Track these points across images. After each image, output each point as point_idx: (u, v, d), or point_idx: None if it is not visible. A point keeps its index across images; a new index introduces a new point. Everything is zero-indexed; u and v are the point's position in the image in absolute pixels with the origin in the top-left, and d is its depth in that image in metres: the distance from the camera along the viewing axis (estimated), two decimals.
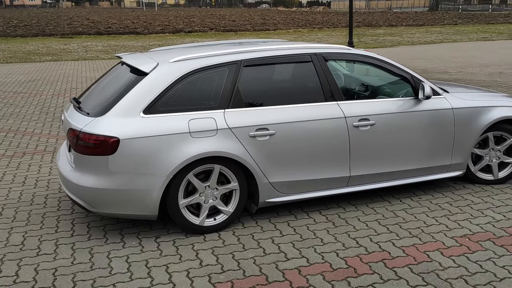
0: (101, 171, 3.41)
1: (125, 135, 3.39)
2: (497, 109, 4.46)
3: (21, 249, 3.50)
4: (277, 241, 3.58)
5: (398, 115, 4.08)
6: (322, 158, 3.88)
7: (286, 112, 3.77)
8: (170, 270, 3.20)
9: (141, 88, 3.53)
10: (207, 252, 3.44)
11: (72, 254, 3.43)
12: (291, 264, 3.25)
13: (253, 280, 3.06)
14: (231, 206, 3.74)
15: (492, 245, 3.45)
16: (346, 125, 3.91)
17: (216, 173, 3.63)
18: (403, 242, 3.53)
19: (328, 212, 4.07)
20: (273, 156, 3.73)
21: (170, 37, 27.63)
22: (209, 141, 3.54)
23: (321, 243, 3.53)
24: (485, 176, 4.64)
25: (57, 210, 4.18)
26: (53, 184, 4.80)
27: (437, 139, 4.24)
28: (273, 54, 3.91)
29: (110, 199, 3.47)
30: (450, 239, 3.55)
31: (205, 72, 3.68)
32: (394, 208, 4.13)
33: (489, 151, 4.58)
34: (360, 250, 3.42)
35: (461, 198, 4.32)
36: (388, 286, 2.97)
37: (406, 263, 3.22)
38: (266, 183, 3.76)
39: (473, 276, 3.06)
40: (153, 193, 3.47)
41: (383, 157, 4.08)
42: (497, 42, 22.23)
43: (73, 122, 3.61)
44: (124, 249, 3.49)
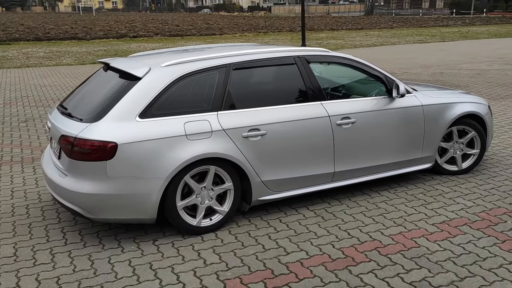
0: (99, 176, 3.40)
1: (123, 139, 3.40)
2: (460, 105, 4.85)
3: (16, 261, 3.42)
4: (274, 237, 3.72)
5: (375, 113, 4.35)
6: (309, 156, 4.06)
7: (275, 113, 3.92)
8: (176, 270, 3.25)
9: (136, 92, 3.56)
10: (208, 251, 3.51)
11: (71, 262, 3.39)
12: (292, 257, 3.40)
13: (260, 274, 3.18)
14: (226, 205, 3.84)
15: (469, 229, 3.76)
16: (330, 123, 4.12)
17: (212, 174, 3.71)
18: (390, 231, 3.77)
19: (315, 207, 4.26)
20: (265, 156, 3.87)
21: (115, 42, 27.04)
22: (205, 143, 3.62)
23: (316, 237, 3.70)
24: (451, 167, 5.02)
25: (42, 220, 4.09)
26: (30, 194, 4.67)
27: (409, 135, 4.55)
28: (259, 57, 4.05)
29: (109, 205, 3.46)
30: (431, 226, 3.84)
31: (196, 75, 3.76)
32: (375, 200, 4.39)
33: (453, 144, 4.96)
34: (353, 240, 3.63)
35: (433, 188, 4.65)
36: (386, 272, 3.18)
37: (398, 250, 3.46)
38: (258, 182, 3.89)
39: (459, 257, 3.35)
40: (152, 196, 3.50)
41: (363, 153, 4.33)
42: (432, 44, 23.57)
43: (65, 128, 3.57)
44: (124, 254, 3.49)
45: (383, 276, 3.13)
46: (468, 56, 17.36)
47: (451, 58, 16.64)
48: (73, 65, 16.71)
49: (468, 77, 12.04)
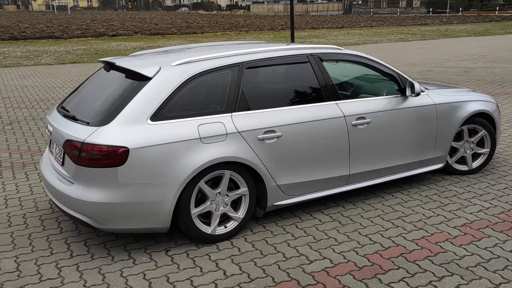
0: (110, 184, 3.17)
1: (134, 144, 3.18)
2: (471, 104, 4.76)
3: (19, 276, 3.16)
4: (293, 244, 3.54)
5: (390, 112, 4.21)
6: (325, 158, 3.90)
7: (290, 114, 3.75)
8: (196, 283, 3.05)
9: (146, 93, 3.33)
10: (226, 261, 3.31)
11: (81, 276, 3.15)
12: (316, 266, 3.23)
13: (285, 286, 3.00)
14: (241, 212, 3.65)
15: (492, 232, 3.66)
16: (346, 124, 3.96)
17: (227, 179, 3.51)
18: (412, 235, 3.64)
19: (329, 211, 4.10)
20: (280, 158, 3.69)
21: (94, 41, 26.45)
22: (220, 146, 3.42)
23: (336, 243, 3.54)
24: (461, 167, 4.92)
25: (43, 230, 3.82)
26: (26, 202, 4.38)
27: (423, 134, 4.43)
28: (272, 55, 3.86)
29: (120, 214, 3.23)
30: (453, 229, 3.72)
31: (208, 75, 3.56)
32: (390, 203, 4.25)
33: (464, 144, 4.87)
34: (377, 246, 3.48)
35: (446, 189, 4.54)
36: (418, 280, 3.04)
37: (425, 256, 3.33)
38: (274, 186, 3.70)
39: (489, 262, 3.23)
40: (166, 204, 3.28)
41: (378, 154, 4.19)
42: (414, 43, 23.74)
43: (70, 132, 3.32)
44: (137, 266, 3.26)
45: (415, 284, 2.99)
46: (451, 54, 17.49)
47: (436, 56, 16.74)
48: (52, 64, 16.21)
49: (456, 75, 12.08)
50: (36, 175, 5.11)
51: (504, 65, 13.79)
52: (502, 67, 13.34)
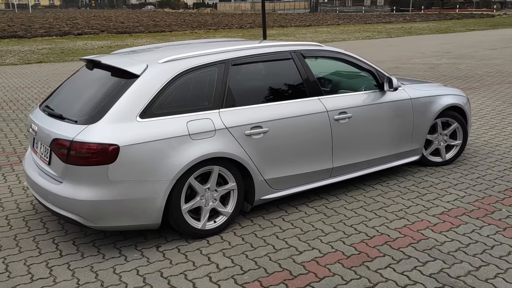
0: (100, 181, 3.17)
1: (124, 141, 3.19)
2: (444, 98, 4.96)
3: (10, 277, 3.12)
4: (281, 236, 3.63)
5: (370, 107, 4.35)
6: (309, 152, 4.00)
7: (276, 109, 3.83)
8: (190, 277, 3.09)
9: (135, 91, 3.34)
10: (218, 255, 3.37)
11: (73, 274, 3.14)
12: (306, 256, 3.32)
13: (278, 276, 3.09)
14: (229, 206, 3.71)
15: (469, 219, 3.85)
16: (328, 119, 4.08)
17: (216, 174, 3.57)
18: (395, 224, 3.78)
19: (314, 204, 4.21)
20: (267, 153, 3.77)
21: (59, 40, 25.85)
22: (209, 142, 3.47)
23: (323, 234, 3.65)
24: (435, 159, 5.13)
25: (28, 231, 3.78)
26: (7, 204, 4.31)
27: (400, 127, 4.60)
28: (257, 52, 3.94)
29: (111, 211, 3.24)
30: (432, 217, 3.89)
31: (195, 72, 3.60)
32: (371, 194, 4.40)
33: (438, 136, 5.07)
34: (362, 236, 3.61)
35: (423, 180, 4.73)
36: (403, 265, 3.18)
37: (408, 243, 3.47)
38: (261, 181, 3.78)
39: (468, 247, 3.40)
40: (157, 200, 3.31)
41: (359, 147, 4.32)
42: (380, 40, 24.27)
43: (58, 131, 3.30)
44: (129, 263, 3.28)
45: (401, 270, 3.12)
46: (416, 51, 17.98)
47: (402, 53, 17.17)
48: (18, 64, 15.78)
49: (423, 71, 12.45)
50: (14, 177, 5.02)
51: (467, 61, 14.30)
52: (465, 63, 13.83)
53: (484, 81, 10.64)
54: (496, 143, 5.92)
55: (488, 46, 19.12)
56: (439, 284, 2.95)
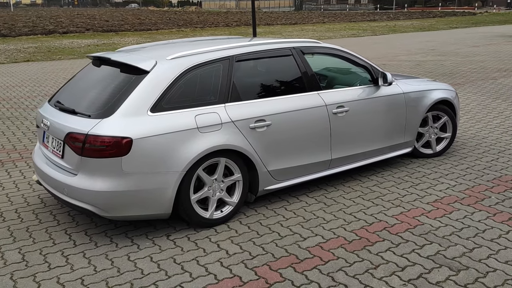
0: (115, 173, 3.31)
1: (137, 134, 3.34)
2: (435, 92, 5.19)
3: (27, 266, 3.25)
4: (285, 224, 3.81)
5: (365, 101, 4.55)
6: (309, 144, 4.19)
7: (278, 103, 4.00)
8: (202, 262, 3.25)
9: (145, 86, 3.49)
10: (226, 242, 3.54)
11: (89, 262, 3.28)
12: (310, 242, 3.51)
13: (286, 260, 3.26)
14: (235, 197, 3.87)
15: (461, 206, 4.07)
16: (327, 112, 4.26)
17: (222, 166, 3.73)
18: (392, 212, 3.99)
19: (313, 194, 4.40)
20: (270, 146, 3.94)
21: (44, 38, 25.66)
22: (216, 135, 3.63)
23: (325, 221, 3.84)
24: (426, 151, 5.36)
25: (39, 223, 3.89)
26: (15, 198, 4.41)
27: (394, 121, 4.81)
28: (259, 49, 4.10)
29: (125, 202, 3.38)
30: (427, 205, 4.10)
31: (202, 68, 3.75)
32: (367, 184, 4.61)
33: (429, 129, 5.30)
34: (361, 223, 3.80)
35: (415, 171, 4.95)
36: (402, 249, 3.38)
37: (405, 228, 3.68)
38: (264, 172, 3.95)
39: (461, 231, 3.62)
40: (168, 191, 3.46)
41: (355, 140, 4.52)
42: (366, 38, 24.61)
43: (72, 125, 3.43)
44: (142, 251, 3.43)
45: (400, 253, 3.33)
46: (402, 48, 18.33)
47: (388, 51, 17.49)
48: (5, 63, 15.70)
49: (409, 68, 12.74)
50: (18, 172, 5.12)
51: (452, 58, 14.65)
52: (450, 60, 14.18)
53: (469, 77, 10.96)
54: (483, 135, 6.18)
55: (471, 43, 19.55)
56: (436, 264, 3.16)
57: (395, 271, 3.10)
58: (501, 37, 22.01)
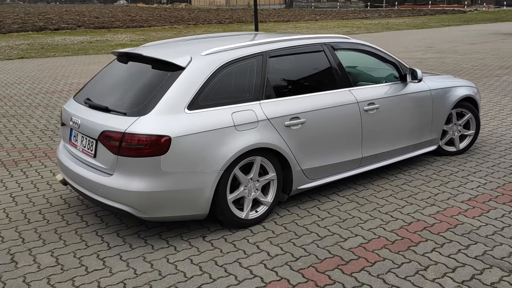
0: (153, 172, 3.19)
1: (175, 133, 3.21)
2: (459, 89, 5.14)
3: (63, 269, 3.11)
4: (322, 224, 3.71)
5: (395, 98, 4.48)
6: (341, 142, 4.10)
7: (312, 100, 3.91)
8: (245, 265, 3.15)
9: (182, 83, 3.36)
10: (265, 243, 3.43)
11: (128, 265, 3.16)
12: (352, 243, 3.42)
13: (331, 262, 3.17)
14: (269, 196, 3.77)
15: (497, 204, 4.01)
16: (359, 109, 4.18)
17: (258, 165, 3.62)
18: (428, 211, 3.92)
19: (344, 193, 4.31)
20: (304, 144, 3.84)
21: (35, 35, 25.24)
22: (253, 133, 3.52)
23: (362, 221, 3.76)
24: (449, 148, 5.31)
25: (67, 224, 3.75)
26: (36, 199, 4.26)
27: (421, 118, 4.75)
28: (291, 44, 4.00)
29: (162, 202, 3.26)
30: (461, 203, 4.04)
31: (236, 64, 3.64)
32: (396, 183, 4.53)
33: (452, 126, 5.25)
34: (400, 222, 3.72)
35: (442, 169, 4.89)
36: (447, 249, 3.31)
37: (446, 228, 3.61)
38: (298, 171, 3.86)
39: (503, 230, 3.56)
40: (206, 190, 3.35)
41: (385, 137, 4.44)
42: (361, 35, 24.57)
43: (106, 123, 3.29)
44: (180, 253, 3.31)
45: (447, 253, 3.25)
46: (399, 46, 18.32)
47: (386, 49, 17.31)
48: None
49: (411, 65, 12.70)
50: (33, 172, 4.95)
51: (451, 56, 14.68)
52: (450, 58, 14.20)
53: (473, 75, 10.96)
54: (500, 133, 6.15)
55: (468, 41, 19.64)
56: (486, 265, 3.09)
57: (446, 272, 3.02)
58: (495, 35, 22.16)
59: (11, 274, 3.06)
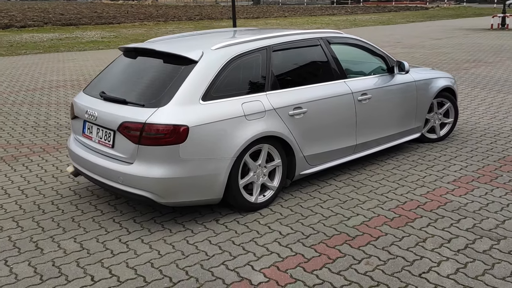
0: (172, 160, 3.40)
1: (192, 122, 3.43)
2: (439, 80, 5.53)
3: (89, 253, 3.29)
4: (325, 206, 4.00)
5: (385, 88, 4.81)
6: (339, 130, 4.40)
7: (312, 91, 4.18)
8: (260, 243, 3.40)
9: (196, 75, 3.58)
10: (275, 224, 3.69)
11: (150, 247, 3.36)
12: (355, 221, 3.72)
13: (339, 238, 3.46)
14: (275, 181, 4.03)
15: (480, 184, 4.40)
16: (353, 99, 4.49)
17: (265, 152, 3.88)
18: (419, 191, 4.27)
19: (340, 178, 4.62)
20: (306, 132, 4.12)
21: (2, 33, 24.59)
22: (261, 122, 3.77)
23: (361, 202, 4.07)
24: (431, 136, 5.70)
25: (82, 213, 3.91)
26: (45, 191, 4.38)
27: (407, 107, 5.10)
28: (291, 39, 4.27)
29: (181, 188, 3.47)
30: (448, 184, 4.41)
31: (244, 57, 3.87)
32: (387, 168, 4.87)
33: (434, 115, 5.64)
34: (395, 202, 4.05)
35: (426, 154, 5.27)
36: (441, 223, 3.65)
37: (437, 206, 3.96)
38: (301, 157, 4.13)
39: (487, 206, 3.94)
40: (220, 176, 3.58)
41: (376, 125, 4.77)
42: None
43: (126, 115, 3.47)
44: (197, 235, 3.53)
45: (441, 227, 3.60)
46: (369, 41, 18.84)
47: None
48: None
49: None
50: (36, 166, 5.05)
51: (420, 51, 15.27)
52: (419, 52, 14.78)
53: (442, 68, 11.50)
54: (474, 121, 6.60)
55: (433, 36, 20.39)
56: (477, 236, 3.45)
57: (442, 243, 3.36)
58: (459, 30, 23.06)
59: (39, 260, 3.22)
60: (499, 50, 14.69)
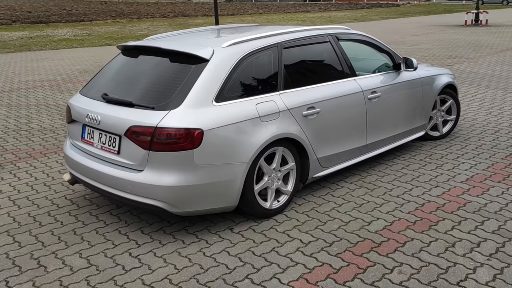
0: (186, 166, 3.14)
1: (207, 125, 3.18)
2: (442, 77, 5.42)
3: (99, 270, 3.00)
4: (342, 210, 3.82)
5: (393, 86, 4.66)
6: (350, 130, 4.22)
7: (324, 90, 3.99)
8: (283, 253, 3.19)
9: (208, 75, 3.33)
10: (294, 231, 3.48)
11: (165, 261, 3.10)
12: (377, 226, 3.54)
13: (364, 245, 3.28)
14: (289, 185, 3.82)
15: (494, 183, 4.30)
16: (364, 98, 4.32)
17: (280, 155, 3.66)
18: (435, 192, 4.13)
19: (351, 179, 4.44)
20: (319, 133, 3.92)
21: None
22: (275, 124, 3.55)
23: (378, 205, 3.90)
24: (434, 133, 5.60)
25: (84, 225, 3.61)
26: (39, 201, 4.05)
27: (414, 105, 4.97)
28: (302, 35, 4.06)
29: (195, 195, 3.22)
30: (462, 184, 4.29)
31: (255, 55, 3.64)
32: (396, 168, 4.73)
33: (436, 112, 5.53)
34: (413, 204, 3.90)
35: (432, 153, 5.15)
36: (465, 226, 3.52)
37: (457, 207, 3.83)
38: (314, 159, 3.93)
39: (507, 206, 3.83)
40: (236, 182, 3.34)
41: (385, 124, 4.62)
42: None
43: (133, 118, 3.20)
44: (213, 246, 3.29)
45: (467, 230, 3.46)
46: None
47: None
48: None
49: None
50: (24, 174, 4.70)
51: (401, 47, 15.30)
52: (401, 49, 14.80)
53: None
54: (471, 117, 6.55)
55: (410, 32, 20.54)
56: (505, 238, 3.33)
57: (472, 247, 3.22)
58: (434, 27, 23.31)
59: (44, 279, 2.92)
60: (477, 45, 14.86)
